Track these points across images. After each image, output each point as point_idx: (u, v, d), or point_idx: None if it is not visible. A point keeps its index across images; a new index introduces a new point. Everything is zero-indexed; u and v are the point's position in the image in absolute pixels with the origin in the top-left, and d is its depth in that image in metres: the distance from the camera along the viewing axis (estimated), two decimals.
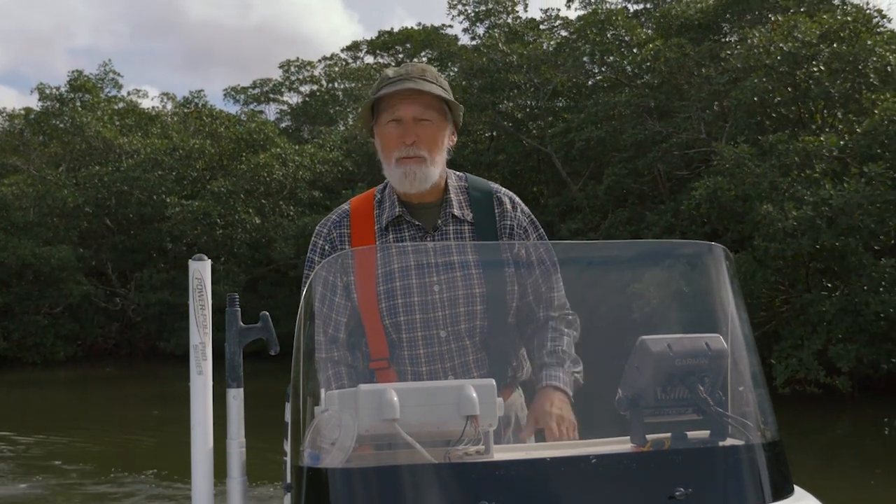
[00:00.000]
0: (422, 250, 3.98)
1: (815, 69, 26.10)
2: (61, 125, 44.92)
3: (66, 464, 17.89)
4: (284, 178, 41.17)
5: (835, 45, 26.08)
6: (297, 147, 43.53)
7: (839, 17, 27.25)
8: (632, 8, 50.58)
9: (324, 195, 42.11)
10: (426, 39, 56.60)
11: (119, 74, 62.25)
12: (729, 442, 3.18)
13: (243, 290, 40.13)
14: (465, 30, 55.22)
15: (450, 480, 2.99)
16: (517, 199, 4.24)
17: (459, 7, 56.71)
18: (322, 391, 3.22)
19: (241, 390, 3.27)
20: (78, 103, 48.39)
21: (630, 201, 33.47)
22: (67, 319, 41.27)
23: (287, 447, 3.28)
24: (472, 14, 56.26)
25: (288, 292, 39.25)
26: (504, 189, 4.28)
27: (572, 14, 52.18)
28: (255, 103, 62.00)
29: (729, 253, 3.43)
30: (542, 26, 51.71)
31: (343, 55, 61.40)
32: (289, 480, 3.22)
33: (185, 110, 54.11)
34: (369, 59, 60.74)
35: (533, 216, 4.24)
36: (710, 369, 3.16)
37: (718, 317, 3.39)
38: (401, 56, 58.37)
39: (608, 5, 51.58)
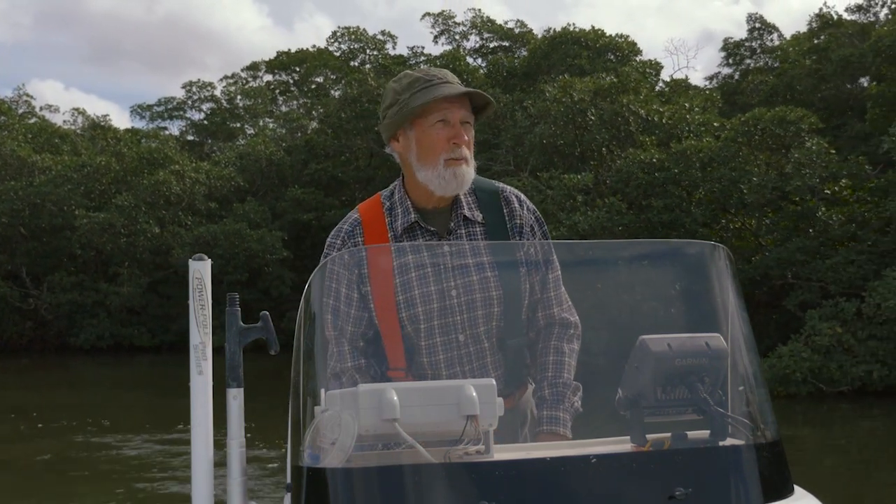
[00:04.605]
0: (438, 255, 3.56)
1: (590, 119, 30.67)
2: None
3: None
4: (182, 192, 41.45)
5: (607, 100, 30.78)
6: (193, 164, 43.83)
7: (607, 79, 32.21)
8: (492, 44, 51.53)
9: (219, 206, 42.77)
10: (321, 60, 56.51)
11: (32, 97, 61.08)
12: (729, 442, 2.84)
13: (145, 291, 40.40)
14: (338, 68, 54.98)
15: (450, 480, 2.64)
16: (522, 196, 3.83)
17: (336, 45, 56.74)
18: (322, 391, 2.84)
19: (241, 390, 2.86)
20: None
21: None
22: None
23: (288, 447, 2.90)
24: (347, 50, 56.37)
25: (188, 294, 39.19)
26: (509, 187, 3.85)
27: (438, 49, 52.47)
28: (160, 120, 61.43)
29: (729, 253, 3.10)
30: (410, 62, 52.12)
31: (243, 74, 61.09)
32: (289, 480, 2.84)
33: (93, 132, 53.31)
34: (268, 77, 60.44)
35: (538, 212, 3.84)
36: (710, 369, 2.82)
37: (718, 316, 3.05)
38: (296, 76, 58.27)
39: (468, 42, 52.46)
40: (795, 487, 2.89)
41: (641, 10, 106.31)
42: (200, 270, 2.85)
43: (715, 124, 30.88)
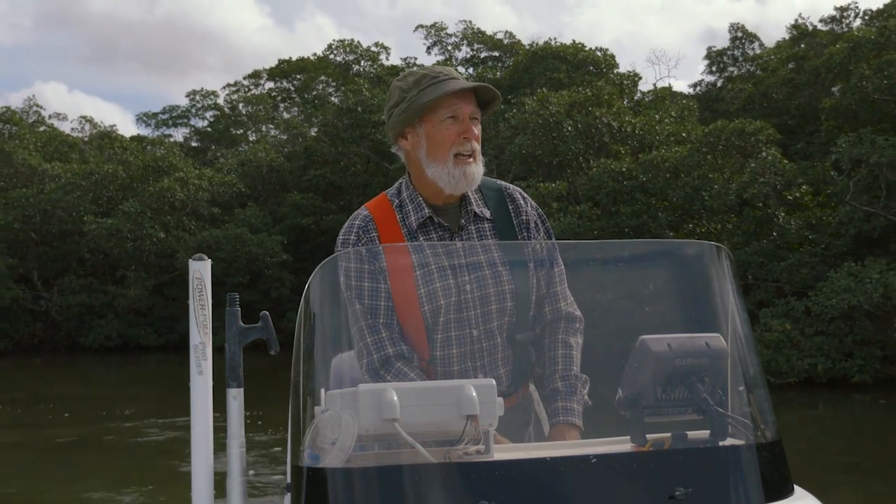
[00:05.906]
0: (452, 250, 3.40)
1: (566, 130, 30.90)
2: None
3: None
4: (186, 198, 41.37)
5: (582, 113, 31.10)
6: (197, 171, 43.71)
7: (582, 93, 32.29)
8: (482, 55, 51.67)
9: (222, 211, 42.76)
10: (321, 69, 56.34)
11: (41, 107, 60.96)
12: (729, 442, 2.69)
13: (151, 293, 40.56)
14: (338, 76, 54.86)
15: (450, 480, 2.49)
16: (525, 194, 3.69)
17: (331, 57, 56.61)
18: (322, 391, 2.68)
19: (241, 390, 2.71)
20: (6, 134, 48.28)
21: None
22: None
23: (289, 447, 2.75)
24: (343, 62, 56.29)
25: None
26: (512, 185, 3.71)
27: (431, 60, 52.45)
28: (165, 127, 61.19)
29: (730, 253, 2.95)
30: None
31: (245, 82, 60.81)
32: (289, 480, 2.70)
33: (101, 142, 53.09)
34: (270, 85, 60.15)
35: (540, 209, 3.69)
36: (710, 369, 2.68)
37: (718, 316, 2.91)
38: (297, 83, 58.09)
39: (460, 52, 52.53)
40: (795, 487, 2.76)
41: (644, 8, 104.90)
42: (200, 270, 2.69)
43: (683, 134, 31.37)
